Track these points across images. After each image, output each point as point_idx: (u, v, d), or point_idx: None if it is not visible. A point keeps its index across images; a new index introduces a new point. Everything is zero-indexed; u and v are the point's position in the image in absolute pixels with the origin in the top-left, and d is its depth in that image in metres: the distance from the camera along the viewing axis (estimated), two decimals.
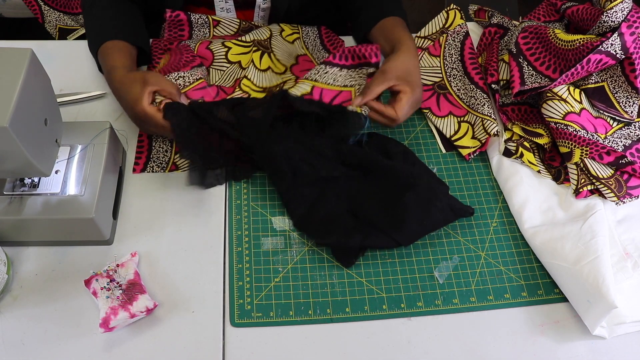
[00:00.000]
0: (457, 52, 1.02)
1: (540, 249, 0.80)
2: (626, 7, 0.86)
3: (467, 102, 0.96)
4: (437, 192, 0.82)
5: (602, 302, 0.71)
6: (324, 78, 0.90)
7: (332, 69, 0.91)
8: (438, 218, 0.81)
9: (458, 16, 1.06)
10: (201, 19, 1.03)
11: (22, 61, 0.63)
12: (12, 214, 0.73)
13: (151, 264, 0.78)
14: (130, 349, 0.71)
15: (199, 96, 0.90)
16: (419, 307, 0.77)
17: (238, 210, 0.84)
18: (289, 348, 0.73)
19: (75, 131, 0.80)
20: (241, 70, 0.98)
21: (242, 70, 0.98)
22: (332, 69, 0.91)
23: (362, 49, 0.90)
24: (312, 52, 1.04)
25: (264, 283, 0.78)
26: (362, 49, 0.91)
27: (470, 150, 0.92)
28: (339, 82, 0.91)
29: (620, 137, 0.90)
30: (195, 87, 0.91)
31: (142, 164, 0.88)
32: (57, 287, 0.75)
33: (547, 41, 0.92)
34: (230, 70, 0.97)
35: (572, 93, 0.91)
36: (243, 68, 0.98)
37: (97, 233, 0.76)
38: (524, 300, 0.78)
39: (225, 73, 0.97)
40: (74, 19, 1.41)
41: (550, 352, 0.73)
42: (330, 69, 0.91)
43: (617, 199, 0.83)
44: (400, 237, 0.79)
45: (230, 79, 0.97)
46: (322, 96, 0.88)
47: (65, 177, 0.76)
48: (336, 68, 0.91)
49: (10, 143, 0.61)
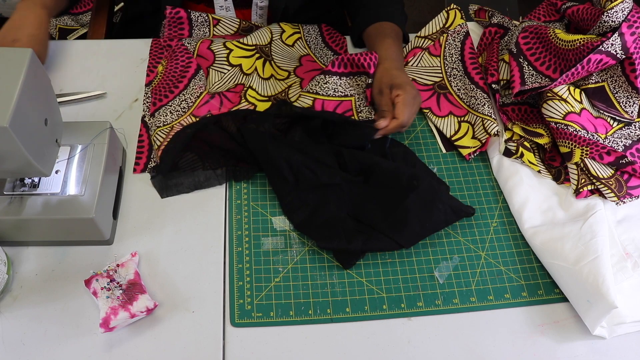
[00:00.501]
0: (458, 52, 1.02)
1: (540, 249, 0.80)
2: (627, 7, 0.86)
3: (468, 102, 0.96)
4: (439, 193, 0.82)
5: (602, 302, 0.71)
6: (324, 89, 0.92)
7: (331, 78, 0.92)
8: (439, 219, 0.81)
9: (458, 16, 1.06)
10: (201, 17, 1.03)
11: (22, 61, 0.63)
12: (12, 214, 0.73)
13: (151, 264, 0.78)
14: (130, 349, 0.71)
15: (206, 111, 0.91)
16: (419, 307, 0.77)
17: (238, 210, 0.84)
18: (289, 348, 0.73)
19: (75, 131, 0.80)
20: (242, 75, 0.98)
21: (242, 74, 0.98)
22: (331, 78, 0.92)
23: (360, 58, 0.92)
24: (315, 51, 1.04)
25: (264, 283, 0.78)
26: (361, 59, 0.92)
27: (470, 150, 0.92)
28: (340, 92, 0.92)
29: (620, 137, 0.90)
30: (199, 104, 0.92)
31: (143, 164, 0.88)
32: (57, 287, 0.75)
33: (547, 41, 0.92)
34: (230, 74, 0.98)
35: (572, 93, 0.91)
36: (244, 72, 0.98)
37: (97, 233, 0.76)
38: (524, 300, 0.78)
39: (225, 76, 0.97)
40: (74, 19, 1.41)
41: (550, 352, 0.73)
42: (330, 79, 0.92)
43: (617, 199, 0.83)
44: (402, 239, 0.79)
45: (231, 83, 0.97)
46: (324, 107, 0.90)
47: (66, 177, 0.76)
48: (335, 77, 0.93)
49: (10, 143, 0.61)
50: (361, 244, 0.78)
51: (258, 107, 0.93)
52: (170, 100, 0.92)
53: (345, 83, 0.93)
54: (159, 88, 0.94)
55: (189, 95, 0.92)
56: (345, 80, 0.93)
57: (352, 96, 0.92)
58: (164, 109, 0.91)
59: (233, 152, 0.87)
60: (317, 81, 0.92)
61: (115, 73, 0.99)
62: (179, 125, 0.88)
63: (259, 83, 0.97)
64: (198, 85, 0.94)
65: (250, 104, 0.93)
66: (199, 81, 0.94)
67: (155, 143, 0.87)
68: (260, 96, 0.96)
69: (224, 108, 0.92)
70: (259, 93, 0.96)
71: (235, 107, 0.92)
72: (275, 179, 0.84)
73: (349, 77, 0.93)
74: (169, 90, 0.93)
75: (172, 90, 0.93)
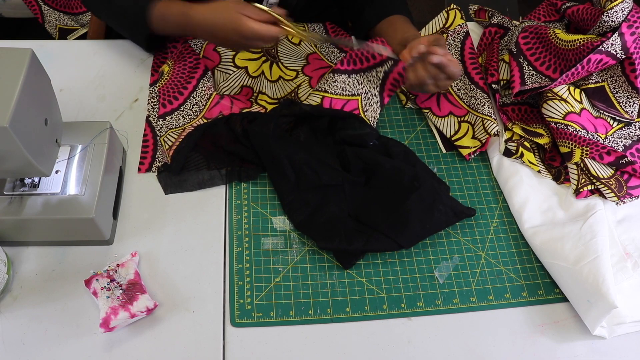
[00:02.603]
0: (458, 52, 1.02)
1: (540, 249, 0.80)
2: (626, 7, 0.86)
3: (468, 102, 0.96)
4: (440, 194, 0.83)
5: (602, 302, 0.71)
6: (333, 88, 0.92)
7: (340, 76, 0.93)
8: (440, 220, 0.81)
9: (458, 16, 1.05)
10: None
11: (22, 61, 0.63)
12: (12, 214, 0.73)
13: (151, 264, 0.78)
14: (130, 349, 0.71)
15: (217, 112, 0.91)
16: (419, 307, 0.77)
17: (238, 210, 0.84)
18: (289, 348, 0.73)
19: (75, 131, 0.80)
20: (248, 78, 0.98)
21: (249, 77, 0.98)
22: (340, 76, 0.93)
23: (368, 49, 0.91)
24: (321, 49, 1.04)
25: (264, 283, 0.78)
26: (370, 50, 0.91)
27: (470, 150, 0.92)
28: (347, 91, 0.93)
29: (620, 137, 0.90)
30: (210, 106, 0.92)
31: (148, 163, 0.88)
32: (57, 287, 0.75)
33: (547, 41, 0.92)
34: (235, 75, 0.98)
35: (572, 93, 0.91)
36: (250, 75, 0.98)
37: (97, 233, 0.76)
38: (524, 300, 0.78)
39: (230, 77, 0.97)
40: (74, 19, 1.41)
41: (550, 352, 0.73)
42: (339, 77, 0.92)
43: (617, 199, 0.83)
44: (402, 240, 0.79)
45: (236, 84, 0.97)
46: (332, 105, 0.91)
47: (66, 177, 0.76)
48: (344, 75, 0.93)
49: (10, 143, 0.61)
50: (362, 244, 0.78)
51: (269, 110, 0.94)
52: (181, 104, 0.92)
53: (353, 81, 0.93)
54: (167, 89, 0.94)
55: (200, 98, 0.93)
56: (354, 77, 0.93)
57: (358, 95, 0.92)
58: (176, 114, 0.91)
59: (238, 153, 0.87)
60: (326, 79, 0.93)
61: (115, 73, 0.99)
62: (190, 127, 0.89)
63: (269, 86, 0.97)
64: (207, 86, 0.94)
65: (262, 107, 0.94)
66: (207, 82, 0.95)
67: (165, 144, 0.87)
68: (271, 99, 0.96)
69: (235, 107, 0.92)
70: (270, 97, 0.97)
71: (247, 109, 0.93)
72: (277, 177, 0.84)
73: (359, 74, 0.93)
74: (178, 91, 0.93)
75: (181, 91, 0.93)
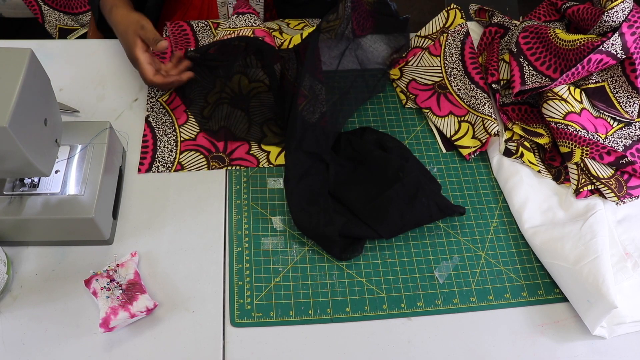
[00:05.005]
0: (458, 51, 1.02)
1: (540, 249, 0.80)
2: (627, 6, 0.86)
3: (468, 101, 0.96)
4: (425, 187, 0.82)
5: (602, 302, 0.70)
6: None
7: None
8: (422, 214, 0.81)
9: (458, 16, 1.05)
10: (201, 23, 1.06)
11: (22, 61, 0.63)
12: (12, 214, 0.73)
13: (151, 264, 0.78)
14: (130, 349, 0.71)
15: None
16: (419, 307, 0.77)
17: (238, 210, 0.84)
18: (289, 348, 0.73)
19: (75, 131, 0.80)
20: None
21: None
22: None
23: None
24: None
25: (264, 283, 0.78)
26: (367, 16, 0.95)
27: (470, 150, 0.92)
28: None
29: (620, 137, 0.90)
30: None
31: (147, 164, 0.88)
32: (57, 287, 0.75)
33: (547, 41, 0.92)
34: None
35: (572, 93, 0.91)
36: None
37: (97, 233, 0.76)
38: (524, 300, 0.78)
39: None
40: (74, 19, 1.41)
41: (550, 352, 0.73)
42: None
43: (617, 199, 0.83)
44: (381, 230, 0.79)
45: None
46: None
47: (65, 177, 0.76)
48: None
49: (10, 143, 0.61)
50: (341, 224, 0.79)
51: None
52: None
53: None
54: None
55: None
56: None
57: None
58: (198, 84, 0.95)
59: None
60: None
61: (115, 73, 0.99)
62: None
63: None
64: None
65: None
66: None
67: None
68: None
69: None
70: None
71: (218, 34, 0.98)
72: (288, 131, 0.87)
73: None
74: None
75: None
